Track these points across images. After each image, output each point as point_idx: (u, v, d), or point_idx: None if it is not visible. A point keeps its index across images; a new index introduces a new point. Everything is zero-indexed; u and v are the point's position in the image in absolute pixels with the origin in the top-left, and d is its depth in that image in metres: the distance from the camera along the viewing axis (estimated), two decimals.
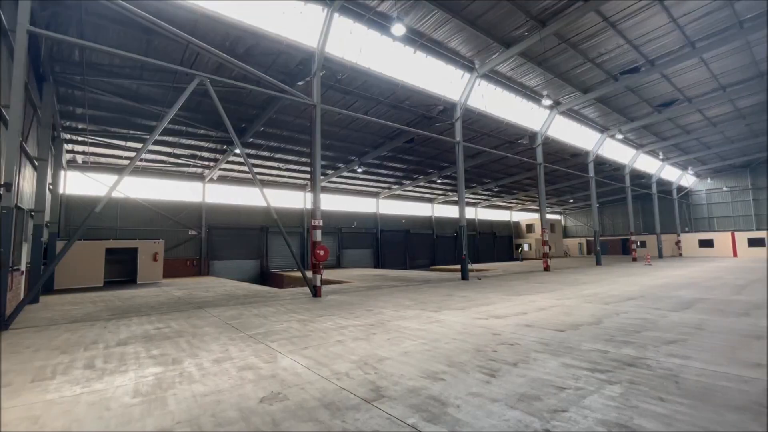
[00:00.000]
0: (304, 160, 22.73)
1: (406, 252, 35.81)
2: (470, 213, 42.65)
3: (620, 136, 25.93)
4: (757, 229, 36.86)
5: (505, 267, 25.98)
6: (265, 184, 26.82)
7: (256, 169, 23.77)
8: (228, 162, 22.16)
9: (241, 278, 25.21)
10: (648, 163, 33.56)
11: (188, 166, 22.35)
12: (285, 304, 9.80)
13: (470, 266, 19.08)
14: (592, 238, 36.84)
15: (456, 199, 37.39)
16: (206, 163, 22.12)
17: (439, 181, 30.61)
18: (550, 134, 22.58)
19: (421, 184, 31.49)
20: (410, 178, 30.09)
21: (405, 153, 24.22)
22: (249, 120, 17.43)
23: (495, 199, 41.08)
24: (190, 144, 19.18)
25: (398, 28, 12.14)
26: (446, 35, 14.39)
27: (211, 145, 19.50)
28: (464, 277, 16.23)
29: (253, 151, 20.84)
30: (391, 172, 28.02)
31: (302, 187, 28.93)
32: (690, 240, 38.75)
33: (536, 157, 21.82)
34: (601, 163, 30.04)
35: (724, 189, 40.19)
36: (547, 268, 20.73)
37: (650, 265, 23.68)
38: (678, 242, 39.03)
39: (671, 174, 38.05)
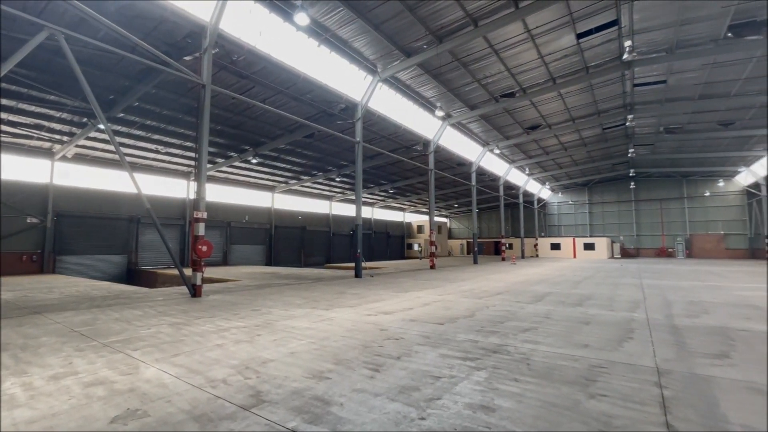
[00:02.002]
0: (188, 144, 20.41)
1: (301, 249, 34.99)
2: (367, 212, 43.81)
3: (497, 151, 29.57)
4: (590, 236, 45.97)
5: (396, 265, 27.31)
6: (137, 168, 23.30)
7: (127, 150, 20.47)
8: (89, 138, 18.62)
9: (102, 277, 21.46)
10: (517, 177, 39.00)
11: (30, 138, 18.08)
12: (156, 306, 8.62)
13: (364, 264, 19.56)
14: (472, 240, 41.20)
15: (354, 198, 38.02)
16: (57, 137, 18.21)
17: (338, 179, 30.68)
18: (442, 143, 24.53)
19: (320, 180, 31.14)
20: (309, 174, 29.50)
21: (304, 147, 23.64)
22: (120, 91, 14.92)
23: (390, 200, 42.96)
24: (33, 111, 15.54)
25: (302, 18, 11.76)
26: (351, 34, 14.47)
27: (65, 115, 16.13)
28: (358, 275, 16.54)
29: (123, 129, 17.90)
30: (288, 166, 27.05)
31: (186, 175, 25.96)
32: (544, 243, 46.30)
33: (428, 163, 23.45)
34: (482, 174, 33.86)
35: (570, 202, 49.19)
36: (433, 267, 22.44)
37: (515, 265, 27.53)
38: (536, 245, 46.30)
39: (534, 187, 44.89)
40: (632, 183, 44.04)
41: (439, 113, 19.35)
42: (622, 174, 42.85)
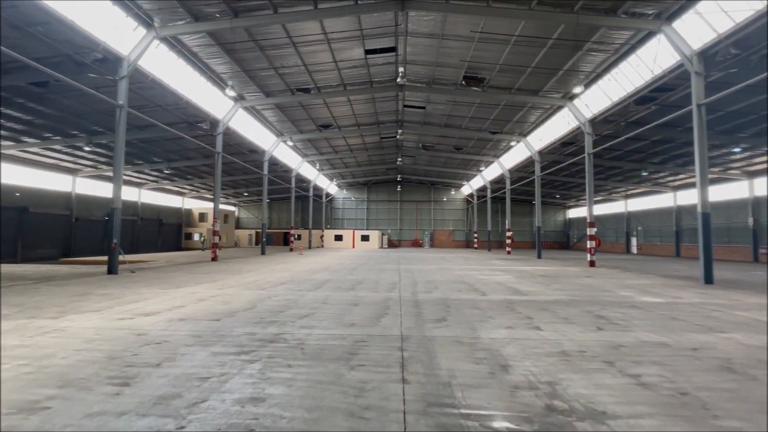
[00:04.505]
0: None
1: (18, 239, 25.32)
2: (131, 194, 35.90)
3: (291, 144, 29.93)
4: (367, 229, 52.95)
5: (170, 258, 23.68)
6: None
7: None
8: None
9: None
10: (309, 171, 40.65)
11: None
12: None
13: (122, 257, 16.01)
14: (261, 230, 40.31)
15: (111, 174, 30.42)
16: None
17: (87, 148, 23.91)
18: (233, 126, 22.80)
19: (58, 148, 23.45)
20: (39, 136, 21.69)
21: (31, 99, 17.21)
22: None
23: (166, 182, 36.75)
24: None
25: None
26: None
27: None
28: (112, 271, 13.37)
29: None
30: None
31: None
32: (330, 235, 50.21)
33: (216, 145, 21.37)
34: (275, 164, 33.50)
35: (352, 198, 55.14)
36: (215, 258, 20.65)
37: (302, 255, 28.65)
38: (322, 236, 49.63)
39: (323, 182, 47.86)
40: (399, 186, 53.43)
41: (231, 93, 17.91)
42: (392, 178, 51.26)
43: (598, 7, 13.02)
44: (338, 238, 49.76)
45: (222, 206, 46.13)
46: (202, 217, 45.24)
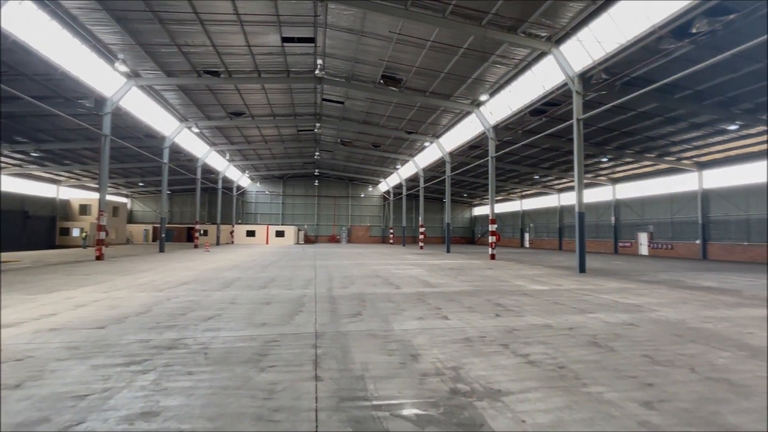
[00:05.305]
0: None
1: None
2: None
3: (197, 130, 27.34)
4: (282, 224, 51.03)
5: (40, 257, 19.96)
6: None
7: None
8: None
9: None
10: (218, 161, 37.60)
11: None
12: None
13: None
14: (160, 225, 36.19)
15: None
16: None
17: None
18: (125, 106, 19.99)
19: None
20: None
21: None
22: None
23: (33, 167, 30.76)
24: None
25: None
26: None
27: None
28: None
29: None
30: None
31: None
32: (241, 230, 47.25)
33: (103, 126, 18.52)
34: (178, 152, 30.32)
35: (266, 192, 52.64)
36: (100, 257, 17.96)
37: (209, 252, 26.46)
38: (232, 232, 46.46)
39: (234, 174, 44.70)
40: (316, 181, 52.51)
41: (122, 68, 15.69)
42: (309, 172, 50.14)
43: (502, 24, 14.31)
44: (250, 233, 47.11)
45: (111, 197, 40.25)
46: (84, 209, 38.88)
